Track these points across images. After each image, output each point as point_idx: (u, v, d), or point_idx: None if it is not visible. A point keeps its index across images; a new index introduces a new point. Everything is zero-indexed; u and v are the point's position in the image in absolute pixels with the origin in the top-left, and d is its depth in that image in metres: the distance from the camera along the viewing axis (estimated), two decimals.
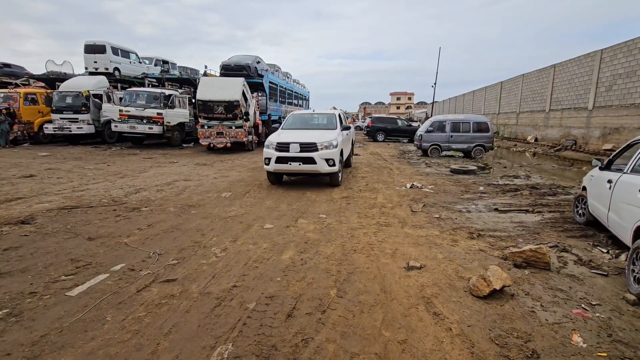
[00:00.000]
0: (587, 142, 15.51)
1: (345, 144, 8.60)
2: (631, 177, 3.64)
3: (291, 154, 6.97)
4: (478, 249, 4.14)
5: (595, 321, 2.68)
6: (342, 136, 7.94)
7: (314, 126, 8.70)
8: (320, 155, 6.93)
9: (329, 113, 9.27)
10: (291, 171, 7.26)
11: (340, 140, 7.54)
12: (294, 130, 8.13)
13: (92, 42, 17.55)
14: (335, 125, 8.39)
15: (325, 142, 7.05)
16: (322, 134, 7.47)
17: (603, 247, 4.22)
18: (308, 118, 9.20)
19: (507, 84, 25.67)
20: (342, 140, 7.86)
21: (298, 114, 9.41)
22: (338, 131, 7.98)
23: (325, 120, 9.01)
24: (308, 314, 2.70)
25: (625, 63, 13.53)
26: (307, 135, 7.44)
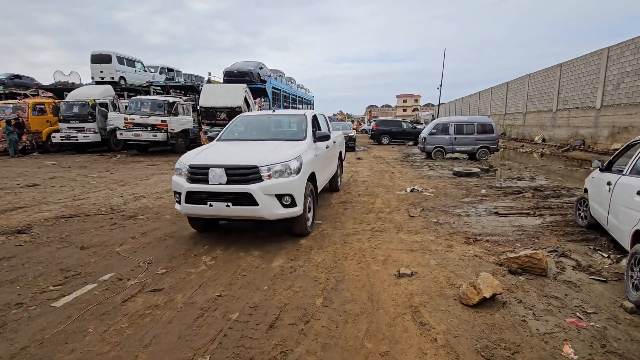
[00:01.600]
0: (596, 141, 15.19)
1: (325, 162, 5.71)
2: (630, 179, 3.51)
3: (211, 187, 3.98)
4: (473, 254, 4.04)
5: (589, 331, 2.57)
6: (314, 151, 5.03)
7: (272, 135, 5.63)
8: (265, 188, 3.94)
9: (297, 114, 6.00)
10: (214, 216, 4.23)
11: (310, 159, 4.66)
12: (235, 143, 5.23)
13: (98, 52, 17.91)
14: (304, 134, 5.25)
15: (276, 163, 4.10)
16: (275, 149, 4.49)
17: (604, 251, 4.08)
18: (264, 122, 6.06)
19: (513, 84, 25.37)
20: (315, 159, 4.94)
21: (250, 116, 6.37)
22: (307, 143, 4.98)
23: (290, 125, 6.00)
24: (291, 324, 2.65)
25: (633, 60, 13.25)
26: (245, 152, 4.57)
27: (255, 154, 4.33)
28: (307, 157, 4.55)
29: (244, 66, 17.10)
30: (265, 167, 4.03)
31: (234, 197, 3.97)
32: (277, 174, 4.07)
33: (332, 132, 7.24)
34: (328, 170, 6.21)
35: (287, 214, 4.14)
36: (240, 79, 15.98)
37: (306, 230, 4.58)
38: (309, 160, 4.61)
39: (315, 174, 4.87)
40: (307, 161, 4.48)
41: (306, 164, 4.42)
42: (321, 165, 5.41)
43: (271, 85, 17.97)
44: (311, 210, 4.81)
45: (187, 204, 4.13)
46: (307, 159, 4.52)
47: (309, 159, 4.63)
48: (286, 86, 22.08)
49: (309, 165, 4.56)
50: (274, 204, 4.04)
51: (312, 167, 4.68)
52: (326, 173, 6.02)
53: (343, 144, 8.44)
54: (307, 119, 5.62)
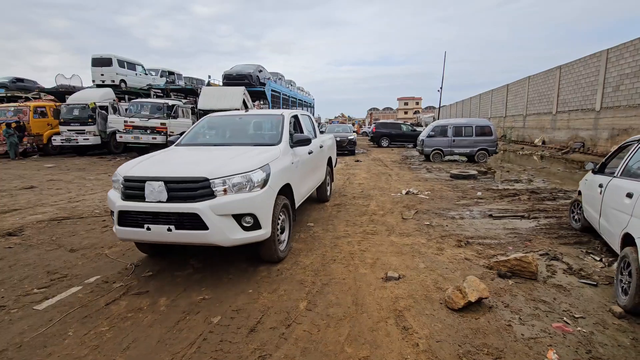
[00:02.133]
0: (596, 144, 15.11)
1: (306, 170, 4.91)
2: (620, 181, 3.47)
3: (148, 206, 3.17)
4: (464, 257, 4.00)
5: (575, 336, 2.52)
6: (290, 158, 4.22)
7: (241, 139, 4.76)
8: (217, 206, 3.11)
9: (272, 114, 5.15)
10: (156, 242, 3.51)
11: (283, 168, 3.88)
12: (194, 148, 4.36)
13: (99, 56, 18.03)
14: (279, 138, 4.40)
15: (234, 174, 3.25)
16: (237, 157, 3.66)
17: (597, 254, 4.03)
18: (234, 124, 5.16)
19: (513, 86, 25.32)
20: (291, 167, 4.16)
21: (218, 116, 5.35)
22: (282, 148, 4.16)
23: (264, 127, 5.18)
24: (272, 328, 2.61)
25: (632, 62, 13.19)
26: (198, 160, 3.71)
27: (208, 163, 3.48)
28: (278, 166, 3.74)
29: (243, 69, 17.16)
30: (220, 180, 3.17)
31: (176, 219, 3.11)
32: (236, 188, 3.21)
33: (321, 136, 6.55)
34: (311, 179, 5.34)
35: (249, 238, 3.27)
36: (239, 82, 16.03)
37: (277, 256, 3.68)
38: (282, 169, 3.83)
39: (291, 186, 4.07)
40: (278, 170, 3.68)
41: (277, 174, 3.62)
42: (301, 174, 4.56)
43: (270, 88, 18.00)
44: (285, 231, 3.97)
45: (120, 227, 3.27)
46: (278, 167, 3.72)
47: (282, 167, 3.84)
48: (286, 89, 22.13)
49: (282, 176, 3.78)
50: (229, 227, 3.15)
51: (286, 178, 3.90)
52: (309, 183, 5.14)
53: (334, 148, 7.41)
54: (284, 120, 4.73)
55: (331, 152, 7.03)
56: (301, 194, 4.70)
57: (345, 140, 17.03)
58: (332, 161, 7.06)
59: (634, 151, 3.54)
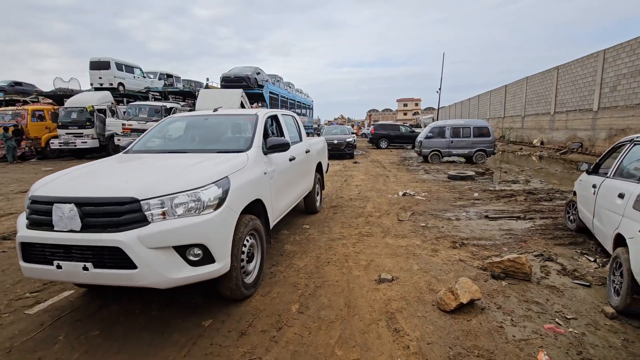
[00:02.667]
0: (594, 144, 15.12)
1: (286, 180, 4.19)
2: (613, 182, 3.47)
3: (54, 236, 2.44)
4: (458, 259, 3.99)
5: (566, 337, 2.52)
6: (263, 167, 3.52)
7: (203, 144, 3.99)
8: (149, 237, 2.36)
9: (244, 114, 4.48)
10: (70, 282, 3.14)
11: (252, 180, 3.20)
12: (142, 156, 3.60)
13: (97, 59, 18.06)
14: (249, 143, 3.66)
15: (176, 193, 2.52)
16: (188, 168, 2.94)
17: (591, 255, 4.03)
18: (198, 126, 4.42)
19: (511, 87, 25.37)
20: (264, 179, 3.47)
21: (181, 117, 4.57)
22: (251, 156, 3.44)
23: (232, 130, 4.35)
24: (263, 331, 2.61)
25: (628, 63, 13.22)
26: (131, 174, 2.95)
27: (144, 177, 2.70)
28: (244, 178, 3.01)
29: (241, 71, 17.18)
30: (156, 200, 2.41)
31: (94, 255, 2.37)
32: (179, 210, 2.47)
33: (308, 139, 5.90)
34: (294, 190, 4.57)
35: (198, 276, 2.51)
36: (237, 84, 16.04)
37: (240, 292, 2.90)
38: (250, 181, 3.11)
39: (263, 202, 3.37)
40: (242, 184, 2.96)
41: (240, 190, 2.90)
42: (279, 186, 3.87)
43: (268, 90, 18.02)
44: (255, 259, 3.21)
45: (25, 264, 2.53)
46: (243, 180, 2.99)
47: (249, 180, 3.11)
48: (284, 91, 22.16)
49: (249, 190, 3.07)
50: (168, 263, 2.40)
51: (255, 192, 3.21)
52: (290, 195, 4.36)
53: (324, 152, 6.76)
54: (258, 121, 3.97)
55: (321, 157, 6.38)
56: (279, 210, 3.95)
57: (343, 142, 16.11)
58: (322, 167, 6.45)
59: (627, 151, 3.55)
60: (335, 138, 16.04)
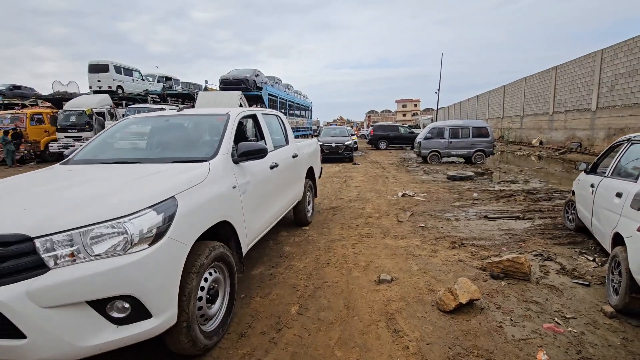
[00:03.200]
0: (593, 143, 15.16)
1: (264, 193, 3.52)
2: (610, 181, 3.48)
3: None
4: (457, 259, 3.99)
5: (566, 336, 2.52)
6: (232, 180, 2.86)
7: (159, 152, 3.35)
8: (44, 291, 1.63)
9: (213, 114, 3.69)
10: None
11: (211, 199, 2.46)
12: (81, 169, 2.89)
13: (95, 62, 18.10)
14: (215, 149, 2.96)
15: (88, 224, 1.78)
16: (127, 184, 2.27)
17: (590, 254, 4.03)
18: (157, 129, 3.71)
19: (510, 87, 25.44)
20: (232, 194, 2.80)
21: (139, 118, 3.92)
22: (215, 166, 2.75)
23: (197, 133, 3.55)
24: (262, 332, 2.61)
25: (626, 62, 13.27)
26: (34, 198, 2.10)
27: (52, 202, 2.00)
28: (201, 196, 2.34)
29: (239, 73, 17.22)
30: (61, 236, 1.74)
31: None
32: (97, 248, 1.78)
33: (297, 142, 5.23)
34: (277, 203, 3.88)
35: (125, 339, 1.83)
36: (235, 87, 16.07)
37: (194, 348, 2.22)
38: (211, 199, 2.43)
39: (232, 224, 2.70)
40: (198, 204, 2.28)
41: (194, 212, 2.21)
42: (255, 200, 3.19)
43: (267, 92, 18.05)
44: (220, 298, 2.53)
45: None
46: (200, 198, 2.32)
47: (211, 197, 2.45)
48: (283, 93, 22.20)
49: (209, 211, 2.41)
50: (79, 325, 1.72)
51: (220, 212, 2.55)
52: (271, 210, 3.68)
53: (316, 156, 5.97)
54: (229, 122, 3.26)
55: (312, 161, 5.62)
56: (256, 230, 3.24)
57: (342, 146, 15.17)
58: (314, 172, 5.71)
59: (624, 151, 3.56)
60: (334, 141, 15.36)
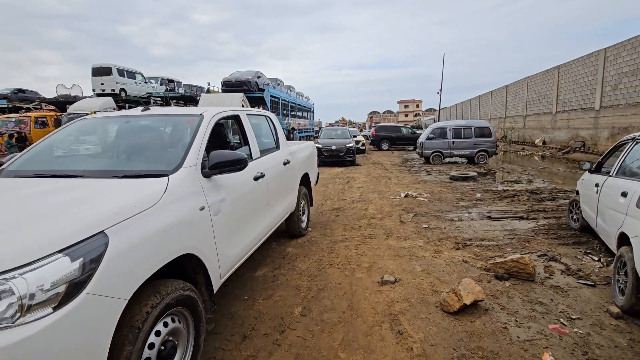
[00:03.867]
0: (596, 143, 15.06)
1: (248, 211, 3.02)
2: (615, 180, 3.45)
3: None
4: (461, 260, 3.98)
5: (572, 337, 2.50)
6: (199, 200, 2.25)
7: (112, 162, 2.80)
8: None
9: (182, 115, 3.11)
10: None
11: (168, 227, 1.88)
12: (12, 184, 2.24)
13: (98, 65, 18.20)
14: (180, 159, 2.35)
15: None
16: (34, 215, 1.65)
17: (595, 254, 4.00)
18: (115, 132, 3.05)
19: (512, 87, 25.35)
20: (199, 219, 2.19)
21: (93, 120, 3.23)
22: (177, 181, 2.15)
23: (160, 138, 2.93)
24: (265, 334, 2.60)
25: (630, 61, 13.19)
26: None
27: None
28: (149, 225, 1.78)
29: (241, 75, 17.27)
30: None
31: None
32: None
33: (290, 146, 4.70)
34: (262, 220, 3.33)
35: None
36: (238, 88, 16.12)
37: None
38: (165, 229, 1.87)
39: (199, 256, 2.14)
40: (143, 238, 1.72)
41: (136, 249, 1.66)
42: (233, 221, 2.64)
43: (269, 94, 18.09)
44: (182, 355, 1.99)
45: None
46: (147, 229, 1.76)
47: (166, 225, 1.88)
48: (285, 94, 22.24)
49: (162, 244, 1.84)
50: None
51: (181, 243, 1.99)
52: (255, 230, 3.11)
53: (311, 160, 5.37)
54: (200, 125, 2.68)
55: (307, 166, 5.05)
56: (233, 257, 2.65)
57: (343, 148, 13.83)
58: (309, 179, 5.15)
59: (629, 150, 3.53)
60: (334, 143, 14.09)
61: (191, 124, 2.78)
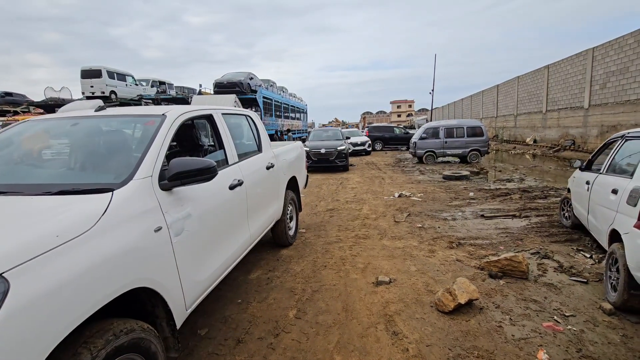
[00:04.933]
0: (586, 141, 15.28)
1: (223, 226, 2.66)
2: (606, 178, 3.49)
3: None
4: (455, 259, 3.98)
5: (566, 335, 2.51)
6: (157, 219, 1.88)
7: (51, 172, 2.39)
8: None
9: (136, 115, 2.72)
10: None
11: (107, 257, 1.49)
12: None
13: (88, 67, 17.96)
14: (131, 170, 1.95)
15: None
16: None
17: (587, 251, 4.04)
18: (61, 136, 2.65)
19: (503, 86, 25.61)
20: (154, 244, 1.80)
21: (36, 122, 2.75)
22: (119, 199, 1.73)
23: (112, 143, 2.47)
24: (260, 338, 2.57)
25: (617, 60, 13.41)
26: None
27: None
28: (80, 259, 1.39)
29: (233, 77, 17.19)
30: None
31: None
32: None
33: (275, 147, 4.39)
34: (241, 234, 2.97)
35: None
36: (230, 90, 16.01)
37: None
38: (106, 259, 1.49)
39: (155, 289, 1.78)
40: (73, 277, 1.33)
41: (58, 297, 1.26)
42: (198, 242, 2.26)
43: (262, 95, 18.03)
44: None
45: None
46: (78, 264, 1.37)
47: (106, 255, 1.50)
48: (278, 95, 22.19)
49: (98, 284, 1.44)
50: None
51: (127, 279, 1.59)
52: (230, 247, 2.75)
53: (300, 163, 5.03)
54: (160, 128, 2.29)
55: (294, 169, 4.69)
56: (204, 282, 2.32)
57: (333, 151, 12.13)
58: (297, 183, 4.82)
59: (618, 147, 3.57)
60: (323, 146, 12.39)
61: (150, 126, 2.35)
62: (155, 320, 1.88)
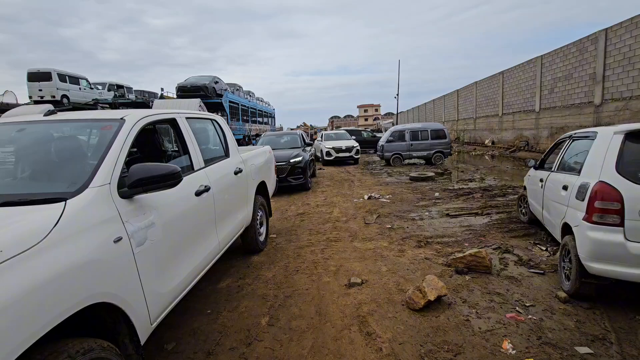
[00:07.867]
0: (538, 142, 16.38)
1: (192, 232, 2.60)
2: (557, 175, 3.75)
3: None
4: (424, 257, 4.10)
5: (527, 324, 2.65)
6: (117, 229, 1.78)
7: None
8: None
9: (95, 121, 2.47)
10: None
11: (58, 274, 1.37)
12: None
13: (35, 70, 16.73)
14: (87, 177, 1.84)
15: None
16: None
17: (543, 245, 4.31)
18: (8, 144, 2.38)
19: (462, 91, 26.90)
20: (110, 253, 1.68)
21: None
22: (73, 210, 1.61)
23: (69, 150, 2.29)
24: (231, 349, 2.49)
25: (562, 67, 14.53)
26: None
27: None
28: (26, 276, 1.27)
29: (198, 80, 16.72)
30: None
31: None
32: None
33: (243, 152, 4.31)
34: (204, 245, 2.80)
35: None
36: (194, 94, 15.58)
37: None
38: (57, 275, 1.37)
39: (116, 303, 1.68)
40: (17, 297, 1.21)
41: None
42: (163, 251, 2.15)
43: (228, 99, 17.68)
44: None
45: None
46: (23, 284, 1.25)
47: (57, 271, 1.38)
48: (244, 100, 21.86)
49: (48, 304, 1.31)
50: None
51: (81, 295, 1.46)
52: (195, 258, 2.60)
53: (269, 168, 5.00)
54: (119, 133, 2.15)
55: (263, 174, 4.65)
56: (169, 293, 2.20)
57: (285, 166, 8.40)
58: (266, 188, 4.76)
59: (567, 147, 3.86)
60: (276, 156, 7.09)
61: (107, 131, 2.20)
62: (117, 337, 1.77)
